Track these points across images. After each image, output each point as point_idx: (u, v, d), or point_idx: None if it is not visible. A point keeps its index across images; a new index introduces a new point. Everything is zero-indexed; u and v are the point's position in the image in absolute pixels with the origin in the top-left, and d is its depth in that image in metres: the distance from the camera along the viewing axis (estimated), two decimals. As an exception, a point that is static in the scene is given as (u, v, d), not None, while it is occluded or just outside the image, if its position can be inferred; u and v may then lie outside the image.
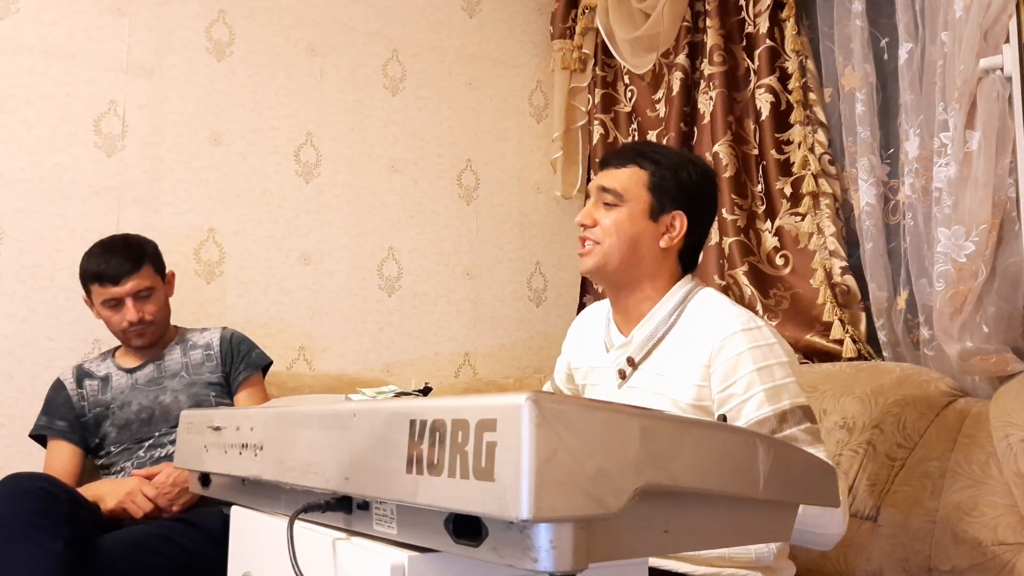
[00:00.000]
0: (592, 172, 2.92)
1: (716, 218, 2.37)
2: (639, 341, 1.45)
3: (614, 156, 1.52)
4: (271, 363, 2.21)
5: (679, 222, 1.46)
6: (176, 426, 1.98)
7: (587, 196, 1.52)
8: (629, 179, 1.46)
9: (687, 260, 1.50)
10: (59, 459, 1.99)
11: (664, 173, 1.46)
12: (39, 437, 2.04)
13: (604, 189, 1.47)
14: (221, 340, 2.15)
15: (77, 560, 1.54)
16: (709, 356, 1.35)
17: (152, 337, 2.07)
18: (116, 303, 2.00)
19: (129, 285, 1.99)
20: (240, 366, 2.12)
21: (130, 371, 2.07)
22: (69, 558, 1.51)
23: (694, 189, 1.47)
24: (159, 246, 2.13)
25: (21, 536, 1.50)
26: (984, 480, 1.51)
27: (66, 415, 2.02)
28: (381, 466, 0.78)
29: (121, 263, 1.99)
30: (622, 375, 1.48)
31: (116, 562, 1.64)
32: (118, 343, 2.13)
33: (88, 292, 2.03)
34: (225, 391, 2.10)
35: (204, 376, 2.08)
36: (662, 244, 1.46)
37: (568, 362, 1.69)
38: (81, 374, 2.07)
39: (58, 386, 2.06)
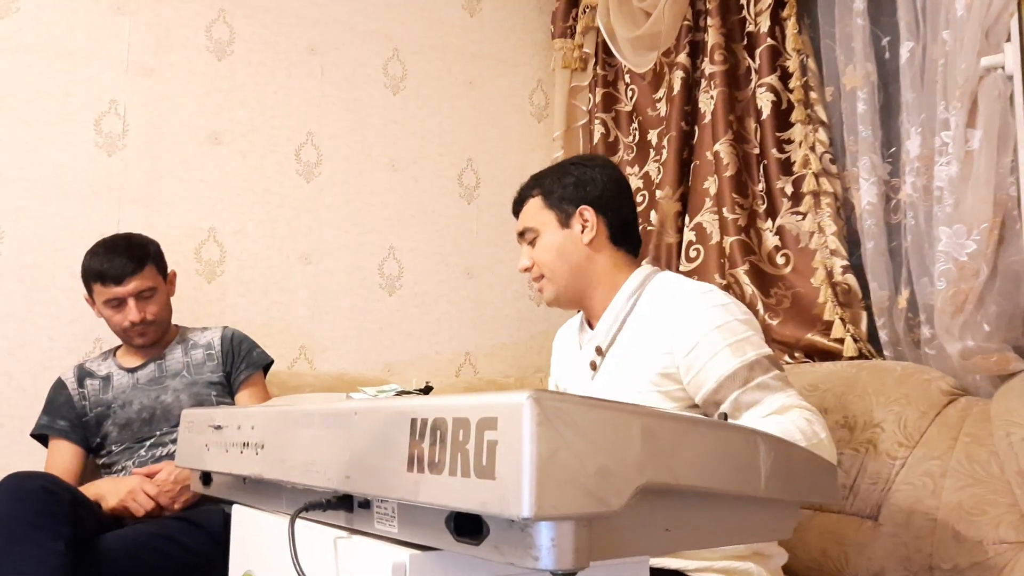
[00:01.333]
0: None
1: (717, 217, 2.38)
2: (604, 329, 1.53)
3: (514, 207, 1.65)
4: (272, 362, 2.21)
5: (587, 214, 1.55)
6: (177, 425, 1.98)
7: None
8: (529, 212, 1.60)
9: (625, 244, 1.59)
10: (60, 459, 1.99)
11: (551, 187, 1.58)
12: (40, 437, 2.04)
13: (520, 233, 1.61)
14: (222, 339, 2.15)
15: (78, 560, 1.54)
16: (670, 325, 1.41)
17: (153, 336, 2.07)
18: (118, 303, 2.00)
19: (131, 285, 1.99)
20: (241, 365, 2.13)
21: (131, 370, 2.07)
22: (70, 558, 1.51)
23: (581, 182, 1.57)
24: (160, 246, 2.12)
25: (22, 536, 1.50)
26: (985, 479, 1.51)
27: (67, 415, 2.02)
28: (382, 465, 0.78)
29: (124, 263, 1.99)
30: (593, 366, 1.53)
31: (117, 561, 1.64)
32: (119, 342, 2.13)
33: (90, 291, 2.03)
34: (226, 390, 2.10)
35: (205, 376, 2.08)
36: (586, 240, 1.54)
37: (555, 377, 1.76)
38: (82, 373, 2.07)
39: (59, 386, 2.06)
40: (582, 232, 1.54)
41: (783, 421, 1.30)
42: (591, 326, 1.59)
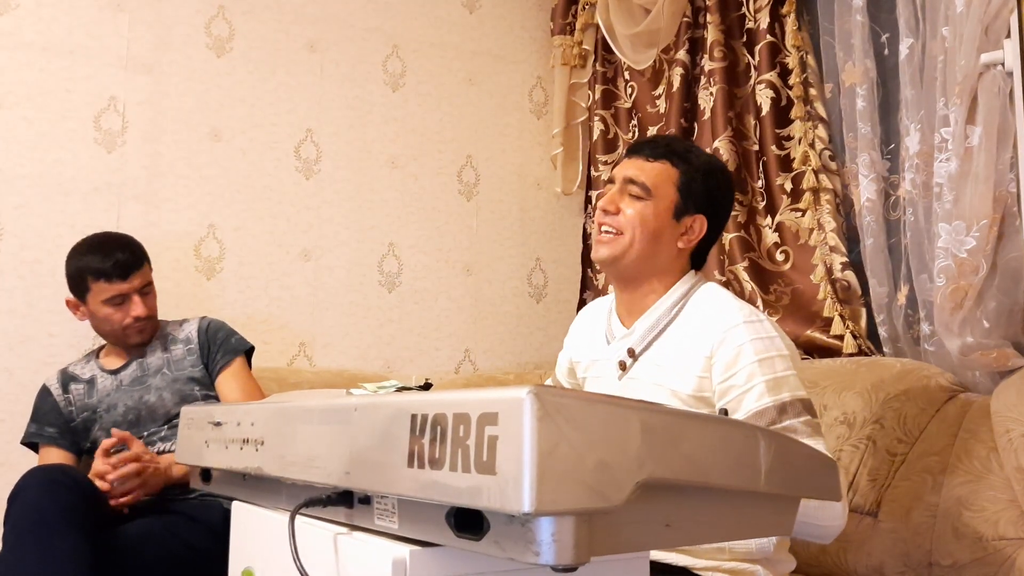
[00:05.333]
0: (592, 168, 2.92)
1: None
2: (641, 332, 1.46)
3: (647, 146, 1.50)
4: (252, 348, 2.14)
5: (699, 225, 1.47)
6: (164, 425, 1.98)
7: (610, 180, 1.53)
8: (659, 174, 1.46)
9: (697, 260, 1.52)
10: None
11: (694, 175, 1.46)
12: (31, 444, 2.02)
13: (632, 181, 1.46)
14: (199, 331, 2.10)
15: (96, 556, 1.54)
16: (711, 347, 1.35)
17: (150, 333, 2.04)
18: (121, 299, 1.97)
19: (136, 281, 1.97)
20: (217, 355, 2.07)
21: (114, 372, 2.04)
22: (94, 556, 1.52)
23: (718, 196, 1.50)
24: (159, 243, 2.12)
25: (57, 532, 1.49)
26: (985, 475, 1.51)
27: (54, 421, 2.00)
28: (382, 460, 0.78)
29: (127, 258, 1.97)
30: (622, 366, 1.48)
31: (120, 557, 1.63)
32: (101, 344, 2.11)
33: (85, 290, 1.97)
34: (209, 384, 2.06)
35: (186, 371, 2.04)
36: (680, 244, 1.47)
37: (570, 356, 1.68)
38: (66, 378, 2.04)
39: (44, 392, 2.03)
40: (683, 234, 1.47)
41: None
42: (623, 322, 1.52)
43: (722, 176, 1.52)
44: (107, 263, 1.95)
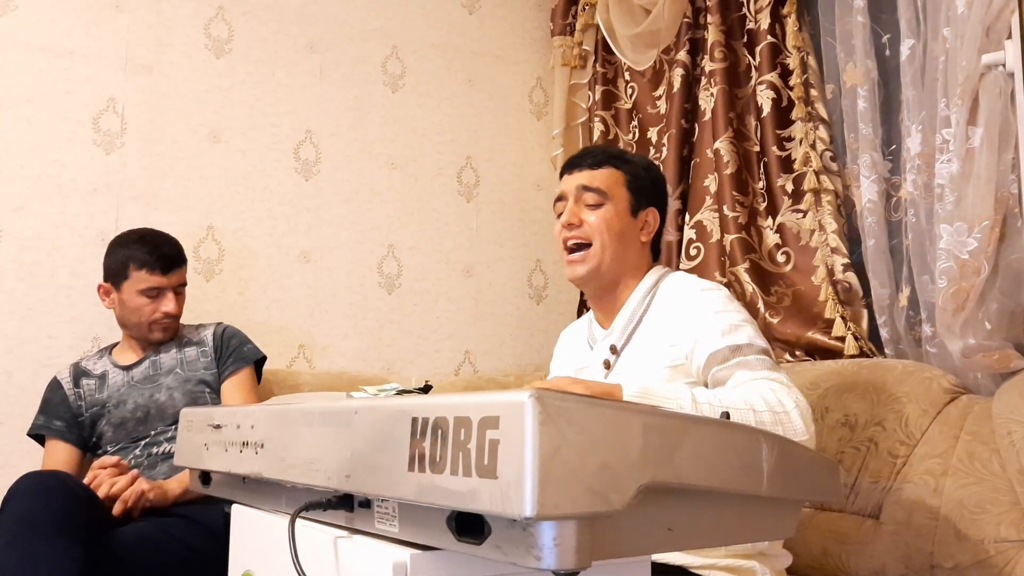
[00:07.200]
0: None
1: (717, 215, 2.38)
2: (619, 327, 1.54)
3: (587, 157, 1.59)
4: (264, 358, 2.18)
5: (652, 217, 1.59)
6: (172, 424, 1.98)
7: (559, 199, 1.58)
8: (608, 178, 1.56)
9: (655, 251, 1.64)
10: (57, 459, 1.97)
11: (639, 172, 1.59)
12: (37, 436, 2.03)
13: (587, 188, 1.55)
14: (214, 336, 2.14)
15: (90, 561, 1.53)
16: (679, 317, 1.44)
17: (172, 333, 2.08)
18: (156, 293, 2.01)
19: (174, 278, 2.04)
20: (228, 360, 2.10)
21: (126, 368, 2.06)
22: (85, 562, 1.51)
23: (661, 187, 1.64)
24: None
25: (48, 537, 1.48)
26: (987, 477, 1.51)
27: (63, 415, 2.01)
28: (383, 464, 0.77)
29: (172, 254, 2.05)
30: (607, 365, 1.53)
31: (119, 559, 1.63)
32: (115, 340, 2.12)
33: (123, 277, 2.01)
34: (219, 389, 2.09)
35: (198, 373, 2.06)
36: (642, 238, 1.58)
37: (556, 375, 1.73)
38: (78, 373, 2.06)
39: (55, 385, 2.05)
40: (642, 229, 1.58)
41: (745, 390, 1.27)
42: (602, 325, 1.60)
43: (656, 170, 1.67)
44: (153, 255, 2.01)
